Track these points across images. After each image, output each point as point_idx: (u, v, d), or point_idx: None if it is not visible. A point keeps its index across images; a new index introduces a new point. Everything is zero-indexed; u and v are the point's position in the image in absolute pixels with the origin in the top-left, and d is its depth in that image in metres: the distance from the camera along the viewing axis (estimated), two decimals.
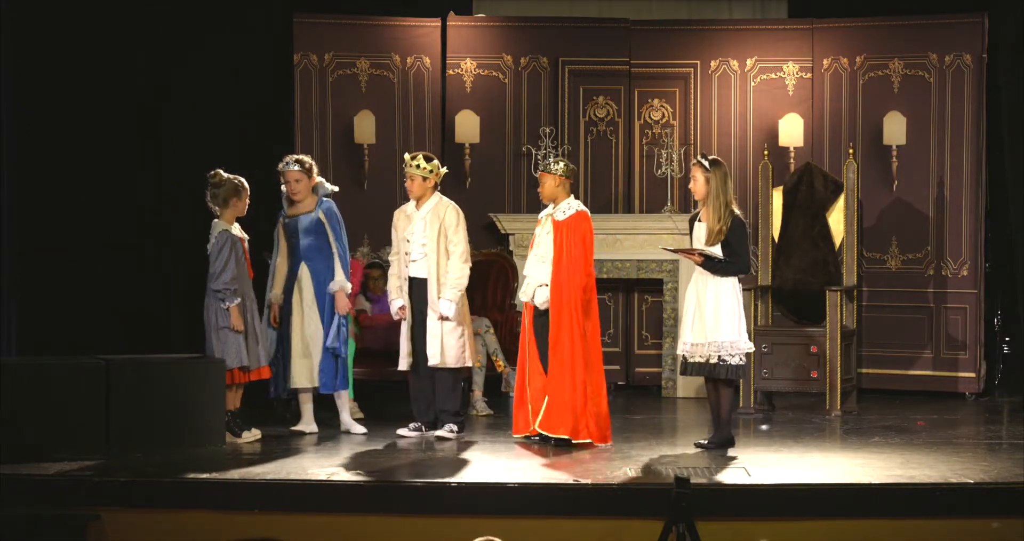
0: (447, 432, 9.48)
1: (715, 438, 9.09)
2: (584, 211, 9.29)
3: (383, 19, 12.19)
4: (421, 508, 7.75)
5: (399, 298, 9.64)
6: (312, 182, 9.67)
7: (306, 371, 9.59)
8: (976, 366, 11.61)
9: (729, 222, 9.03)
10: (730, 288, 9.05)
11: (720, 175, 9.06)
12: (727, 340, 9.00)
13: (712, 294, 9.03)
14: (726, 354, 9.01)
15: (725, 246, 9.03)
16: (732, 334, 9.01)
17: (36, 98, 11.61)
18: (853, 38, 11.97)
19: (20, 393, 8.70)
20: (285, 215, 9.72)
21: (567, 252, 9.21)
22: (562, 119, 12.19)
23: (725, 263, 9.03)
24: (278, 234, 9.75)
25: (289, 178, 9.63)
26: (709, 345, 9.01)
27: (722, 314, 9.00)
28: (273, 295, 9.70)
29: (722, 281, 9.05)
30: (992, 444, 9.38)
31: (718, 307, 9.01)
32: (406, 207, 9.73)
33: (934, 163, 11.73)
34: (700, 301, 9.06)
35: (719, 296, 9.02)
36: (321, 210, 9.64)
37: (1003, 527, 7.54)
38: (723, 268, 9.04)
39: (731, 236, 9.03)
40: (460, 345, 9.51)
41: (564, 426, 9.10)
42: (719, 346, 9.00)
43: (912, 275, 11.81)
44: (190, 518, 7.76)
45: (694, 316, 9.09)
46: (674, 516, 6.72)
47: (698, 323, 9.06)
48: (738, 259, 9.06)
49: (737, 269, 9.07)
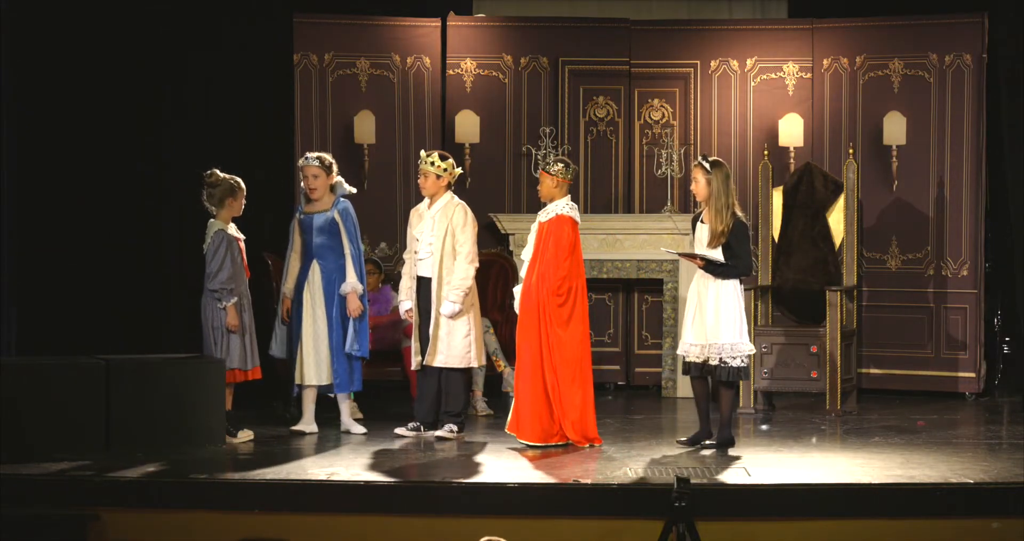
0: (447, 432, 9.48)
1: (717, 438, 9.09)
2: (566, 215, 9.20)
3: (383, 19, 12.19)
4: (421, 508, 7.75)
5: (407, 300, 9.65)
6: (331, 180, 9.66)
7: (313, 369, 9.59)
8: (976, 366, 11.61)
9: (731, 224, 9.03)
10: (731, 290, 9.05)
11: (721, 176, 9.06)
12: (728, 342, 9.01)
13: (713, 296, 9.03)
14: (727, 356, 9.01)
15: (726, 248, 9.02)
16: (733, 336, 9.01)
17: (36, 99, 11.60)
18: (853, 38, 11.96)
19: (20, 393, 8.71)
20: (301, 211, 9.72)
21: (541, 255, 9.18)
22: (562, 119, 12.19)
23: (727, 266, 9.03)
24: (293, 229, 9.75)
25: (307, 173, 9.61)
26: (710, 346, 9.02)
27: (723, 316, 9.00)
28: (286, 288, 9.70)
29: (723, 283, 9.05)
30: (992, 444, 9.38)
31: (719, 309, 9.01)
32: (420, 206, 9.73)
33: (934, 163, 11.73)
34: (701, 302, 9.06)
35: (720, 298, 9.02)
36: (337, 210, 9.64)
37: (1003, 527, 7.55)
38: (725, 271, 9.03)
39: (732, 238, 9.03)
40: (466, 345, 9.50)
41: (532, 432, 9.11)
42: (720, 348, 9.00)
43: (912, 275, 11.81)
44: (190, 518, 7.76)
45: (695, 317, 9.09)
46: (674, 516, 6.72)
47: (698, 324, 9.06)
48: (739, 262, 9.05)
49: (739, 272, 9.07)
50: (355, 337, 9.55)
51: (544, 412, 9.11)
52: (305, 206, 9.71)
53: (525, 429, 9.15)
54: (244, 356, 9.37)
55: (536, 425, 9.11)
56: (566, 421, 9.12)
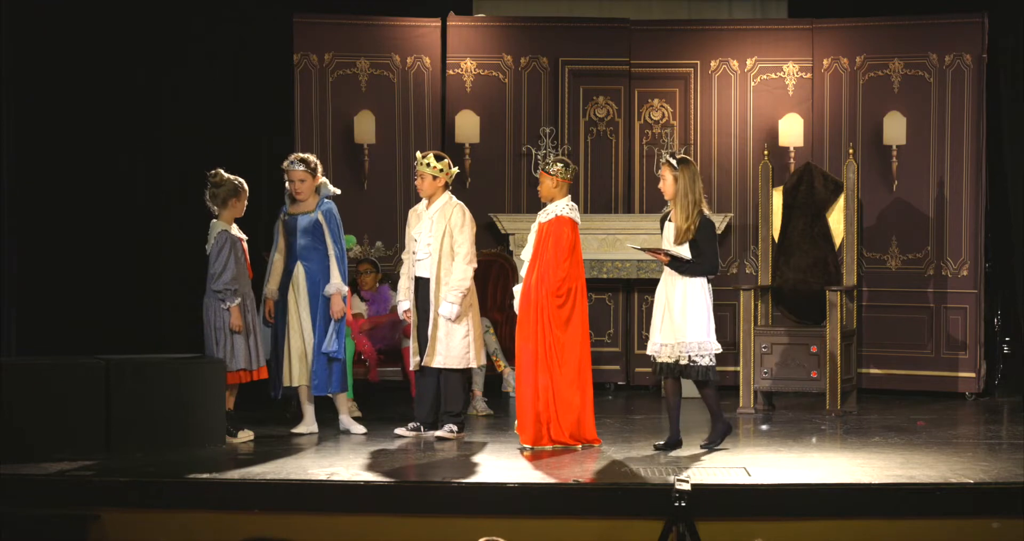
0: (447, 432, 9.48)
1: (714, 434, 9.08)
2: (566, 217, 9.19)
3: (383, 19, 12.19)
4: (421, 508, 7.75)
5: (405, 300, 9.65)
6: (316, 182, 9.66)
7: (304, 370, 9.59)
8: (976, 366, 11.61)
9: (697, 221, 8.97)
10: (699, 288, 8.97)
11: (688, 174, 8.98)
12: (694, 341, 8.94)
13: (680, 294, 8.96)
14: (695, 355, 8.94)
15: (693, 246, 8.97)
16: (700, 335, 8.94)
17: (36, 98, 11.60)
18: (853, 38, 11.97)
19: (20, 393, 8.71)
20: (286, 212, 9.72)
21: (541, 256, 9.17)
22: (562, 119, 12.19)
23: (692, 263, 8.96)
24: (277, 230, 9.75)
25: (293, 177, 9.61)
26: (677, 346, 8.96)
27: (689, 315, 8.92)
28: (268, 290, 9.70)
29: (690, 281, 8.97)
30: (992, 444, 9.39)
31: (685, 307, 8.93)
32: (419, 206, 9.73)
33: (934, 163, 11.73)
34: (669, 301, 9.00)
35: (686, 296, 8.94)
36: (320, 211, 9.63)
37: (1003, 527, 7.55)
38: (690, 268, 8.97)
39: (699, 236, 8.96)
40: (465, 346, 9.49)
41: (526, 433, 9.11)
42: (687, 347, 8.94)
43: (912, 275, 11.81)
44: (190, 518, 7.76)
45: (663, 316, 9.04)
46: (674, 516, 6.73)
47: (667, 323, 9.01)
48: (705, 260, 8.98)
49: (704, 270, 8.99)
50: (333, 338, 9.53)
51: (537, 414, 9.10)
52: (290, 207, 9.71)
53: (521, 430, 9.15)
54: (249, 356, 9.36)
55: (528, 427, 9.11)
56: (558, 422, 9.09)
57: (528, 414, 9.10)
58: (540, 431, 9.09)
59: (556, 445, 9.10)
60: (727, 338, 11.96)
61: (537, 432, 9.09)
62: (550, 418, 9.10)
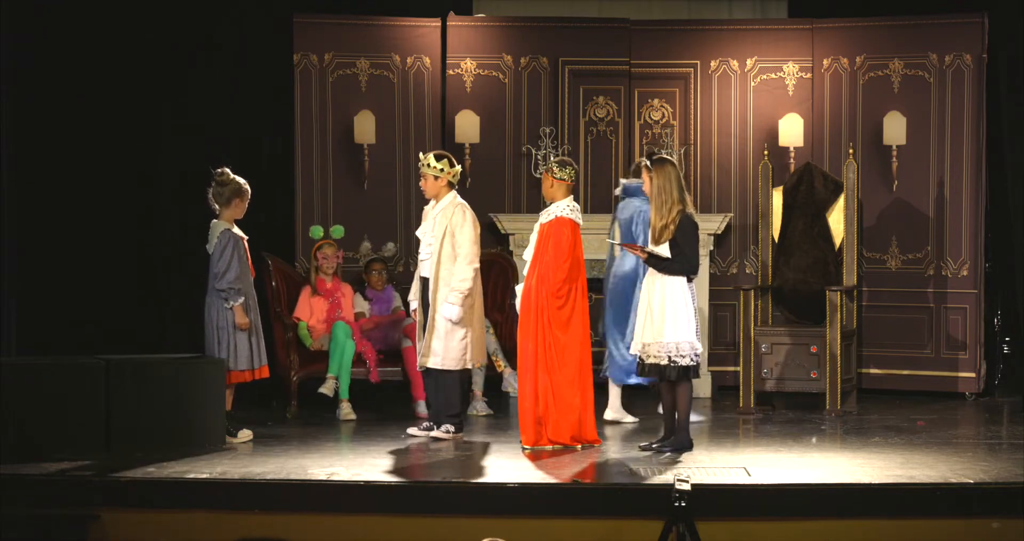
0: (443, 433, 9.46)
1: (672, 441, 9.02)
2: (566, 217, 9.18)
3: (383, 19, 12.19)
4: (421, 508, 7.75)
5: (415, 300, 9.66)
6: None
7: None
8: (976, 366, 11.61)
9: (677, 221, 8.93)
10: (680, 288, 8.93)
11: (663, 174, 8.94)
12: (674, 341, 8.90)
13: (659, 294, 8.93)
14: (676, 355, 8.90)
15: (673, 245, 8.95)
16: (680, 335, 8.91)
17: (36, 97, 11.61)
18: (853, 38, 11.97)
19: (20, 393, 8.71)
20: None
21: (541, 257, 9.17)
22: (562, 119, 12.19)
23: (670, 261, 8.92)
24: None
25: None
26: (659, 345, 8.93)
27: (668, 314, 8.88)
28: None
29: (671, 281, 8.93)
30: (992, 444, 9.39)
31: (664, 307, 8.90)
32: (428, 206, 9.71)
33: (934, 163, 11.73)
34: (650, 301, 8.99)
35: (666, 296, 8.90)
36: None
37: (1003, 527, 7.55)
38: (667, 266, 8.92)
39: (679, 235, 8.92)
40: (462, 347, 9.45)
41: (526, 433, 9.11)
42: (667, 347, 8.92)
43: (912, 275, 11.81)
44: (190, 518, 7.76)
45: (646, 316, 9.02)
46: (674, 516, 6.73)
47: (649, 323, 8.99)
48: (684, 259, 8.93)
49: (682, 269, 8.94)
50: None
51: (537, 414, 9.09)
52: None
53: (521, 431, 9.15)
54: (251, 356, 9.36)
55: (529, 427, 9.10)
56: (558, 423, 9.08)
57: (528, 414, 9.10)
58: (540, 431, 9.09)
59: (556, 445, 9.09)
60: (727, 338, 11.98)
61: (537, 432, 9.09)
62: (550, 418, 9.10)
